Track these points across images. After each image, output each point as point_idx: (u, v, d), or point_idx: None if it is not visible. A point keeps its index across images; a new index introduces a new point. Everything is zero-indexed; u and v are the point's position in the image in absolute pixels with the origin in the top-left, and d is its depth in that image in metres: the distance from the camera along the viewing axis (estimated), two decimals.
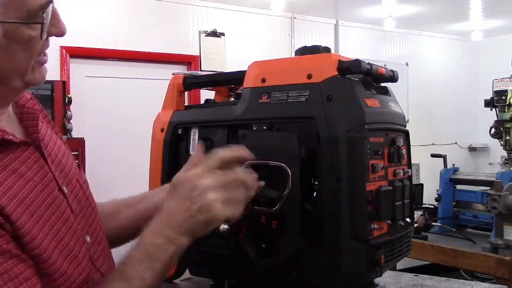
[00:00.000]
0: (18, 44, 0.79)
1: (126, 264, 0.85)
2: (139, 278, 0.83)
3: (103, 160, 4.47)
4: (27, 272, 0.76)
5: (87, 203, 0.97)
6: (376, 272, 1.08)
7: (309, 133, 1.06)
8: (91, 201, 1.00)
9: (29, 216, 0.79)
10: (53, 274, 0.80)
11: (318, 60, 1.12)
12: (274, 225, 1.07)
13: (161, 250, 0.84)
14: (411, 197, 1.20)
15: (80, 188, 0.96)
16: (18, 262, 0.75)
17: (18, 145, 0.83)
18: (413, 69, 6.42)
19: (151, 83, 4.66)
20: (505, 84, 3.85)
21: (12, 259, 0.75)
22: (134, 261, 0.84)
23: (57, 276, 0.81)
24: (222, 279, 1.24)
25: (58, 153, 0.95)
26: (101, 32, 4.61)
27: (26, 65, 0.82)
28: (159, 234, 0.85)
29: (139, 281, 0.83)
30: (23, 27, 0.78)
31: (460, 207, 3.49)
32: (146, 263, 0.83)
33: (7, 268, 0.73)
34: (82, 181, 0.99)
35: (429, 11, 5.70)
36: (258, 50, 5.34)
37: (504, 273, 2.67)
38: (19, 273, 0.74)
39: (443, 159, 3.71)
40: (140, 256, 0.84)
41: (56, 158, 0.93)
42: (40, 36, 0.80)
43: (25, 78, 0.83)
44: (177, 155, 1.27)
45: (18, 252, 0.76)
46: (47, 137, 0.94)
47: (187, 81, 1.34)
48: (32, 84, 0.85)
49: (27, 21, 0.78)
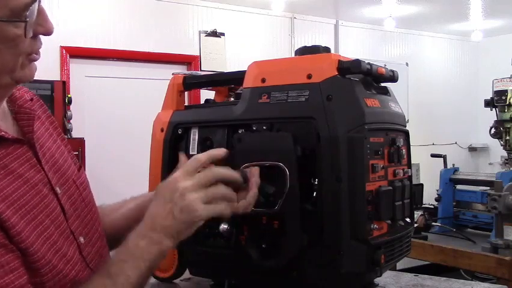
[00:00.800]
0: (4, 42, 0.80)
1: (111, 264, 0.87)
2: (123, 275, 0.84)
3: (103, 160, 4.47)
4: (15, 262, 0.76)
5: (83, 204, 0.97)
6: (376, 272, 1.08)
7: (309, 133, 1.06)
8: (88, 202, 1.00)
9: (15, 211, 0.79)
10: (40, 268, 0.80)
11: (318, 60, 1.12)
12: (276, 226, 1.07)
13: (145, 251, 0.87)
14: (411, 197, 1.20)
15: (76, 189, 0.97)
16: (6, 252, 0.76)
17: (11, 142, 0.84)
18: (413, 69, 6.43)
19: (151, 83, 4.67)
20: (505, 84, 3.85)
21: (0, 249, 0.75)
22: (118, 261, 0.87)
23: (46, 271, 0.81)
24: (222, 279, 1.24)
25: (56, 153, 0.95)
26: (101, 32, 4.61)
27: (14, 62, 0.82)
28: (142, 237, 0.88)
29: (124, 278, 0.84)
30: (8, 25, 0.79)
31: (460, 207, 3.49)
32: (130, 262, 0.85)
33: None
34: (79, 182, 0.99)
35: (429, 11, 5.70)
36: (258, 50, 5.34)
37: (504, 273, 2.67)
38: (5, 264, 0.75)
39: (443, 159, 3.71)
40: (124, 256, 0.87)
41: (53, 158, 0.93)
42: (24, 34, 0.80)
43: (14, 75, 0.84)
44: (177, 155, 1.27)
45: (5, 242, 0.76)
46: (43, 138, 0.94)
47: (187, 81, 1.34)
48: (22, 81, 0.86)
49: (10, 19, 0.78)
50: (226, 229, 1.13)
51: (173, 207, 0.88)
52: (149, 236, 0.87)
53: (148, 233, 0.88)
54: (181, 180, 0.90)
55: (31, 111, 0.93)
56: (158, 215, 0.89)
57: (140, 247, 0.87)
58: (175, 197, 0.88)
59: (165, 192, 0.90)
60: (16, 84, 0.88)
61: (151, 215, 0.90)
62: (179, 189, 0.88)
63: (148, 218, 0.90)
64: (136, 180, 1.86)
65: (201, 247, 1.18)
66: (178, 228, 0.88)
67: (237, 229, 1.12)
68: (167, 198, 0.89)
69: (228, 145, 1.16)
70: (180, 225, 0.88)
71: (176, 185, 0.89)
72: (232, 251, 1.13)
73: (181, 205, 0.87)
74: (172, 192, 0.89)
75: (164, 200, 0.89)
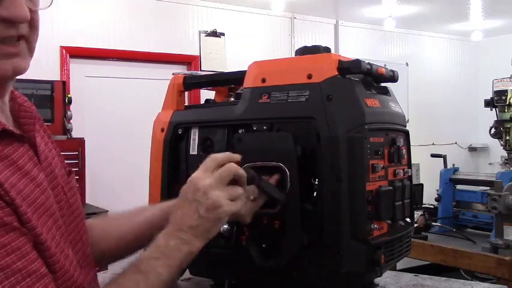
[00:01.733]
0: None
1: (141, 261, 0.87)
2: (155, 273, 0.85)
3: (103, 160, 4.46)
4: (27, 246, 0.75)
5: (69, 211, 0.94)
6: (376, 272, 1.08)
7: (309, 133, 1.06)
8: (75, 209, 0.97)
9: (27, 206, 0.78)
10: (52, 265, 0.80)
11: (318, 60, 1.12)
12: (276, 226, 1.08)
13: (175, 249, 0.88)
14: (411, 197, 1.20)
15: (63, 194, 0.94)
16: (20, 235, 0.75)
17: (14, 139, 0.83)
18: (413, 69, 6.43)
19: (151, 83, 4.67)
20: (505, 84, 3.85)
21: (14, 232, 0.74)
22: (149, 258, 0.87)
23: (57, 268, 0.80)
24: (222, 279, 1.24)
25: (48, 156, 0.94)
26: (101, 32, 4.61)
27: None
28: (172, 237, 0.89)
29: (155, 275, 0.85)
30: None
31: (460, 207, 3.49)
32: (162, 260, 0.86)
33: (9, 240, 0.73)
34: (67, 188, 0.96)
35: (429, 11, 5.70)
36: (258, 50, 5.34)
37: (504, 273, 2.67)
38: (18, 248, 0.74)
39: (443, 159, 3.71)
40: (156, 254, 0.87)
41: (46, 159, 0.92)
42: None
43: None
44: (177, 155, 1.27)
45: (18, 226, 0.76)
46: (39, 138, 0.93)
47: (187, 81, 1.34)
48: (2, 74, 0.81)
49: None
50: (226, 229, 1.13)
51: (198, 206, 0.89)
52: (179, 236, 0.88)
53: (177, 233, 0.89)
54: (202, 179, 0.91)
55: (31, 110, 0.92)
56: (185, 215, 0.90)
57: (170, 246, 0.88)
58: (199, 196, 0.89)
59: (188, 193, 0.91)
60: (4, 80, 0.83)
61: (178, 216, 0.90)
62: (201, 188, 0.90)
63: (174, 219, 0.91)
64: (136, 180, 1.87)
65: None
66: (205, 227, 0.89)
67: (237, 229, 1.12)
68: (190, 198, 0.90)
69: (228, 145, 1.16)
70: (207, 223, 0.89)
71: (198, 184, 0.90)
72: (233, 251, 1.13)
73: (206, 204, 0.89)
74: (195, 191, 0.90)
75: (189, 200, 0.90)
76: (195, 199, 0.89)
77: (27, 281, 0.73)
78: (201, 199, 0.89)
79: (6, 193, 0.75)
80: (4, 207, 0.74)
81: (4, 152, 0.80)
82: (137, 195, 1.50)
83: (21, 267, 0.73)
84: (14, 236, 0.74)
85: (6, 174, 0.77)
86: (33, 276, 0.74)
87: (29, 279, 0.73)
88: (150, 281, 0.85)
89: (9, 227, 0.74)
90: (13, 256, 0.73)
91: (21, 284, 0.72)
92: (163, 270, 0.86)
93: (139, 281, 0.84)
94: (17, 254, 0.73)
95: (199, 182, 0.90)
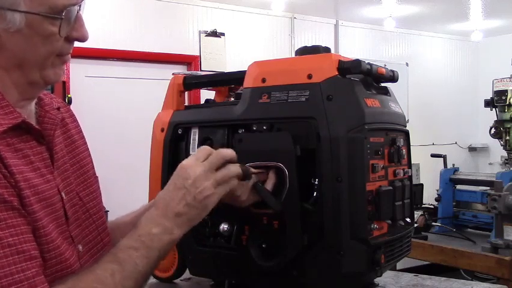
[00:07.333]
0: (40, 36, 0.85)
1: (120, 249, 0.87)
2: (132, 263, 0.85)
3: (103, 160, 4.43)
4: (25, 227, 0.78)
5: (86, 214, 0.98)
6: (376, 272, 1.08)
7: (309, 133, 1.06)
8: (93, 214, 1.00)
9: (30, 190, 0.81)
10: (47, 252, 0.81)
11: (318, 60, 1.12)
12: (276, 226, 1.08)
13: (156, 239, 0.88)
14: (411, 197, 1.20)
15: (79, 200, 0.97)
16: (19, 215, 0.77)
17: (32, 138, 0.88)
18: (413, 69, 6.42)
19: (151, 83, 4.66)
20: (505, 84, 3.85)
21: (13, 211, 0.77)
22: (129, 248, 0.87)
23: (51, 248, 0.82)
24: (222, 279, 1.24)
25: (67, 162, 0.98)
26: (101, 32, 4.61)
27: (45, 58, 0.87)
28: (155, 224, 0.89)
29: (132, 266, 0.85)
30: (45, 21, 0.85)
31: (460, 207, 3.49)
32: (141, 251, 0.86)
33: (6, 217, 0.76)
34: (84, 194, 0.99)
35: (429, 11, 5.70)
36: (258, 50, 5.33)
37: (504, 273, 2.67)
38: (13, 226, 0.76)
39: (443, 159, 3.71)
40: (136, 244, 0.87)
41: (64, 165, 0.96)
42: (59, 32, 0.86)
43: (44, 72, 0.88)
44: (177, 155, 1.27)
45: (19, 207, 0.78)
46: (60, 146, 0.97)
47: (187, 81, 1.34)
48: (50, 80, 0.90)
49: (47, 14, 0.84)
50: (226, 229, 1.13)
51: (186, 193, 0.90)
52: (163, 223, 0.89)
53: (161, 220, 0.89)
54: (192, 166, 0.91)
55: (56, 118, 0.96)
56: (172, 200, 0.90)
57: (151, 235, 0.88)
58: (188, 184, 0.90)
59: (177, 179, 0.92)
60: (44, 86, 0.92)
61: (164, 201, 0.91)
62: (191, 176, 0.90)
63: (160, 202, 0.91)
64: (136, 180, 1.87)
65: (201, 247, 1.19)
66: (190, 215, 0.90)
67: (237, 229, 1.12)
68: (179, 185, 0.91)
69: (228, 145, 1.16)
70: (193, 211, 0.90)
71: (187, 172, 0.91)
72: (233, 251, 1.13)
73: (194, 192, 0.89)
74: (184, 179, 0.91)
75: (177, 186, 0.91)
76: (184, 186, 0.90)
77: (15, 257, 0.75)
78: (190, 187, 0.90)
79: (12, 175, 0.79)
80: (8, 187, 0.78)
81: (20, 145, 0.85)
82: (137, 195, 1.50)
83: (12, 243, 0.75)
84: (12, 214, 0.76)
85: (16, 162, 0.81)
86: (21, 255, 0.76)
87: (17, 257, 0.75)
88: (126, 271, 0.84)
89: (9, 205, 0.77)
90: (6, 231, 0.75)
91: (9, 258, 0.74)
92: (140, 262, 0.86)
93: (114, 271, 0.84)
94: (11, 231, 0.75)
95: (189, 169, 0.91)
